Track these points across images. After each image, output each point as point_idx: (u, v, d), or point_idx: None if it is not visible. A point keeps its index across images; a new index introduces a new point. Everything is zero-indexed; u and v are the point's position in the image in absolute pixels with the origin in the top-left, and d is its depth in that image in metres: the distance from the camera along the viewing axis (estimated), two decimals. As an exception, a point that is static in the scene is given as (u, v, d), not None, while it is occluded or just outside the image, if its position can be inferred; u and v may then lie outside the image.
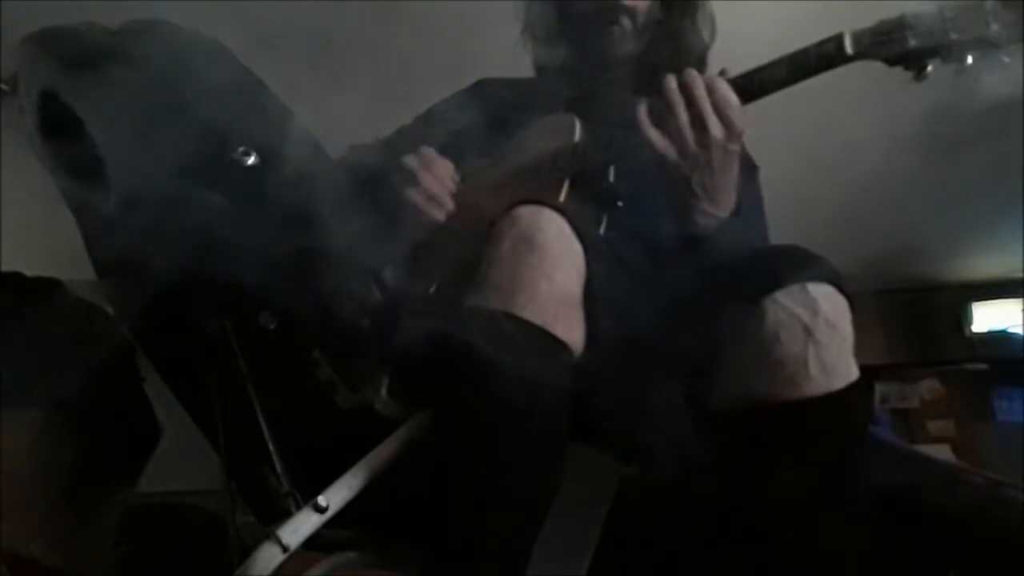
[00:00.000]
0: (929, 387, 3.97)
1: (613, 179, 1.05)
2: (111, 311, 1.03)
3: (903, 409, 3.97)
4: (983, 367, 3.94)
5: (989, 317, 4.01)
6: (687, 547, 0.98)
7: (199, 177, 0.79)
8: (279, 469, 0.81)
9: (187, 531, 1.14)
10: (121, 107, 0.81)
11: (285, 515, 0.75)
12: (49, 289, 1.07)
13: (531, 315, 0.78)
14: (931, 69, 0.88)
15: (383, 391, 0.84)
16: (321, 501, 0.74)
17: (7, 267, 1.08)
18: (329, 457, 0.80)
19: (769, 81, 0.93)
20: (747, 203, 0.99)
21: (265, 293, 0.82)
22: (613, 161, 1.04)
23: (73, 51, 0.83)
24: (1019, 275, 3.73)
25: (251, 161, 0.80)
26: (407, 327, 0.85)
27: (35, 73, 0.87)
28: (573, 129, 1.05)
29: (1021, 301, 3.85)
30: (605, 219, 1.03)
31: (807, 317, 0.81)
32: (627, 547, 1.01)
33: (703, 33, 1.20)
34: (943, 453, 3.37)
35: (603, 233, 1.02)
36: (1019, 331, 3.90)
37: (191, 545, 1.09)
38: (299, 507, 0.77)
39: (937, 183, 2.86)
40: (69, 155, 0.84)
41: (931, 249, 3.61)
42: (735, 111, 0.91)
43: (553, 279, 0.80)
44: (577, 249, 0.83)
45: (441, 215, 1.04)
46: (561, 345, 0.80)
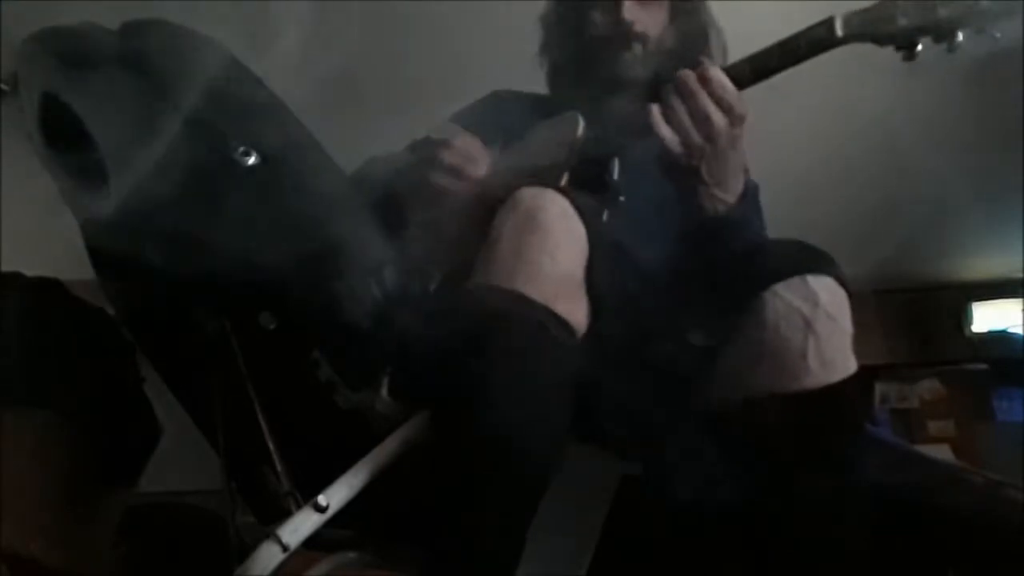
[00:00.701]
0: (929, 387, 3.97)
1: (617, 175, 1.05)
2: (111, 311, 1.03)
3: (903, 409, 3.96)
4: (983, 367, 3.94)
5: (989, 317, 4.01)
6: (687, 547, 0.97)
7: (199, 177, 0.79)
8: (279, 468, 0.81)
9: (187, 531, 1.14)
10: (121, 107, 0.81)
11: (285, 515, 0.75)
12: (49, 289, 1.07)
13: (533, 292, 0.78)
14: (921, 48, 0.90)
15: (383, 391, 0.84)
16: (321, 500, 0.74)
17: (7, 267, 1.08)
18: (329, 457, 0.80)
19: (761, 67, 0.95)
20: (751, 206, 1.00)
21: (265, 293, 0.82)
22: (615, 155, 1.04)
23: (74, 51, 0.83)
24: (1019, 275, 3.73)
25: (251, 161, 0.80)
26: (408, 325, 0.85)
27: (36, 73, 0.87)
28: (577, 124, 1.05)
29: (1021, 301, 3.84)
30: (607, 213, 1.04)
31: (807, 309, 0.82)
32: (627, 547, 1.01)
33: (715, 60, 1.22)
34: (943, 453, 3.36)
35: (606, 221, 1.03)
36: (1019, 331, 3.90)
37: (191, 545, 1.09)
38: (299, 507, 0.77)
39: (937, 183, 2.86)
40: (69, 155, 0.84)
41: (931, 249, 3.60)
42: (732, 94, 0.92)
43: (555, 258, 0.81)
44: (580, 230, 0.84)
45: (457, 187, 1.02)
46: (563, 322, 0.80)
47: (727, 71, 0.94)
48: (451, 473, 0.76)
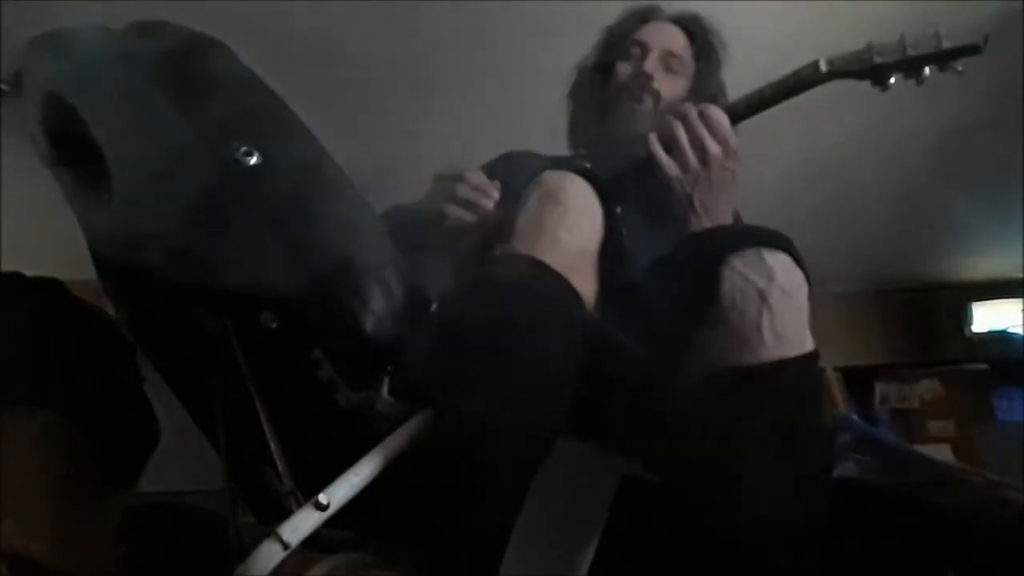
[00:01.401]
0: (929, 387, 3.96)
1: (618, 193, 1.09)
2: (111, 311, 1.03)
3: (903, 409, 3.96)
4: (983, 367, 3.94)
5: (989, 317, 4.00)
6: (687, 547, 0.97)
7: (201, 177, 0.79)
8: (280, 468, 0.81)
9: (187, 531, 1.14)
10: (124, 108, 0.81)
11: (285, 515, 0.75)
12: (49, 289, 1.07)
13: (551, 261, 0.83)
14: (893, 81, 1.05)
15: (383, 391, 0.84)
16: (322, 499, 0.74)
17: (7, 267, 1.08)
18: (330, 457, 0.80)
19: (755, 103, 1.09)
20: None
21: (266, 293, 0.82)
22: (618, 173, 1.11)
23: (77, 52, 0.83)
24: (1019, 275, 3.73)
25: (253, 161, 0.80)
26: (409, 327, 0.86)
27: (39, 74, 0.87)
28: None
29: (1021, 301, 3.84)
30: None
31: (762, 283, 0.84)
32: (627, 547, 1.01)
33: None
34: (943, 453, 3.37)
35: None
36: (1019, 331, 3.90)
37: (191, 545, 1.10)
38: (300, 505, 0.77)
39: (937, 183, 2.86)
40: (72, 156, 0.84)
41: (931, 249, 3.61)
42: (726, 128, 1.03)
43: (573, 232, 0.87)
44: (597, 210, 0.90)
45: (473, 218, 1.10)
46: (575, 293, 0.84)
47: (725, 108, 1.05)
48: (451, 470, 0.77)
